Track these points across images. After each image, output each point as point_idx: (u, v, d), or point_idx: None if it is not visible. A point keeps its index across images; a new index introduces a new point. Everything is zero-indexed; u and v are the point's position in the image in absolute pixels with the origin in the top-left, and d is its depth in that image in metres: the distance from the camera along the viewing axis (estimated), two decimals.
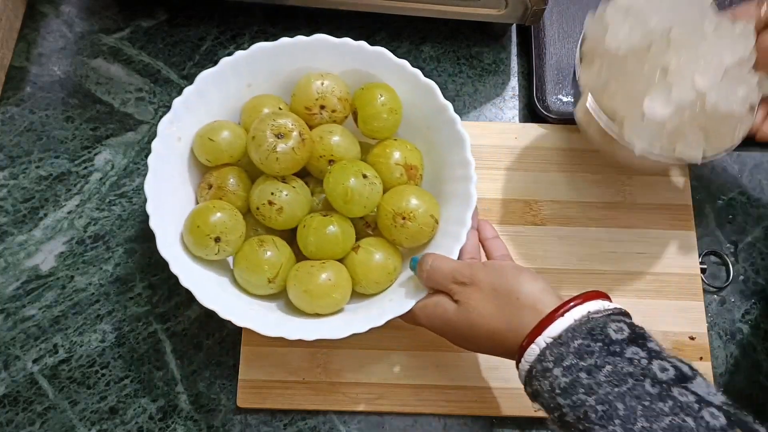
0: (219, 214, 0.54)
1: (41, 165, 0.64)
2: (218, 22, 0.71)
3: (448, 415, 0.58)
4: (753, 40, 0.52)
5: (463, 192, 0.55)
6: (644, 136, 0.51)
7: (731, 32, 0.52)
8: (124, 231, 0.63)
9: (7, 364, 0.58)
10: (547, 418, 0.44)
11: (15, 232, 0.62)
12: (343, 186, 0.54)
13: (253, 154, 0.55)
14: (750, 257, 0.64)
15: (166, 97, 0.67)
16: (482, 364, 0.59)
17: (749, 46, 0.52)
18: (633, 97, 0.51)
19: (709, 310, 0.62)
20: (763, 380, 0.60)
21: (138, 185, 0.64)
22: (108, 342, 0.59)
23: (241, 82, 0.59)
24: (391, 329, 0.58)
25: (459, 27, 0.71)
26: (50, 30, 0.70)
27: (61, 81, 0.68)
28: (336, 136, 0.57)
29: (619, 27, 0.52)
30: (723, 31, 0.52)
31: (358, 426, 0.58)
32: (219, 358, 0.59)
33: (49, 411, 0.57)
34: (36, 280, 0.61)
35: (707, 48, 0.51)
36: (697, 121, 0.52)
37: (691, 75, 0.51)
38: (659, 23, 0.51)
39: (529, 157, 0.65)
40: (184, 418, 0.57)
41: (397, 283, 0.56)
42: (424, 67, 0.70)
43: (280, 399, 0.57)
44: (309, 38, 0.58)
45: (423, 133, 0.60)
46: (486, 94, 0.69)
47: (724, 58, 0.52)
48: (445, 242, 0.55)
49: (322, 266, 0.54)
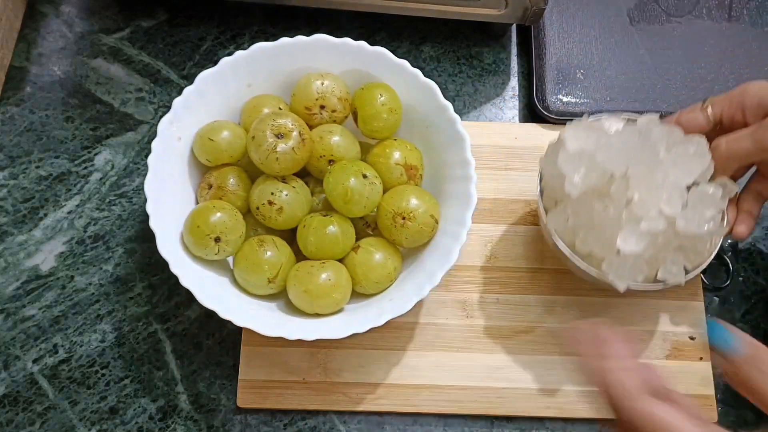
0: (219, 214, 0.54)
1: (41, 165, 0.64)
2: (218, 22, 0.71)
3: (448, 415, 0.58)
4: (708, 155, 0.52)
5: (463, 192, 0.55)
6: (624, 273, 0.51)
7: (686, 154, 0.52)
8: (124, 231, 0.63)
9: (7, 364, 0.58)
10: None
11: (15, 232, 0.62)
12: (343, 186, 0.54)
13: (253, 154, 0.55)
14: (750, 257, 0.64)
15: (166, 97, 0.67)
16: (482, 365, 0.59)
17: (706, 163, 0.52)
18: (605, 240, 0.51)
19: (709, 310, 0.62)
20: None
21: (138, 185, 0.64)
22: (108, 342, 0.59)
23: (241, 82, 0.59)
24: (391, 329, 0.59)
25: (459, 27, 0.71)
26: (50, 30, 0.70)
27: (61, 81, 0.68)
28: (336, 136, 0.57)
29: (574, 173, 0.52)
30: (678, 157, 0.52)
31: (358, 426, 0.58)
32: (219, 358, 0.59)
33: (49, 411, 0.57)
34: (36, 280, 0.61)
35: (666, 176, 0.52)
36: (673, 244, 0.52)
37: (656, 205, 0.51)
38: (613, 166, 0.52)
39: (529, 157, 0.65)
40: (184, 418, 0.57)
41: (397, 283, 0.56)
42: (424, 67, 0.70)
43: (280, 399, 0.57)
44: (309, 38, 0.58)
45: (423, 133, 0.60)
46: (486, 94, 0.69)
47: (684, 183, 0.52)
48: (445, 242, 0.55)
49: (322, 266, 0.54)
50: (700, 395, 0.58)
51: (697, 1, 0.71)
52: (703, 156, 0.52)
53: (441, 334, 0.59)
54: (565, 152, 0.53)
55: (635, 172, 0.51)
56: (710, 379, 0.59)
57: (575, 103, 0.67)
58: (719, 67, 0.68)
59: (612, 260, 0.51)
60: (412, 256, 0.58)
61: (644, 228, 0.50)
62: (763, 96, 0.52)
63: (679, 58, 0.69)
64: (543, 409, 0.58)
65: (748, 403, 0.53)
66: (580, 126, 0.54)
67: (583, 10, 0.70)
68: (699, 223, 0.51)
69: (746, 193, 0.56)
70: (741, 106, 0.53)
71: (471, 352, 0.59)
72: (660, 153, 0.52)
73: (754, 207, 0.56)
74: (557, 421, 0.58)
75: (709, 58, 0.69)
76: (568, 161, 0.52)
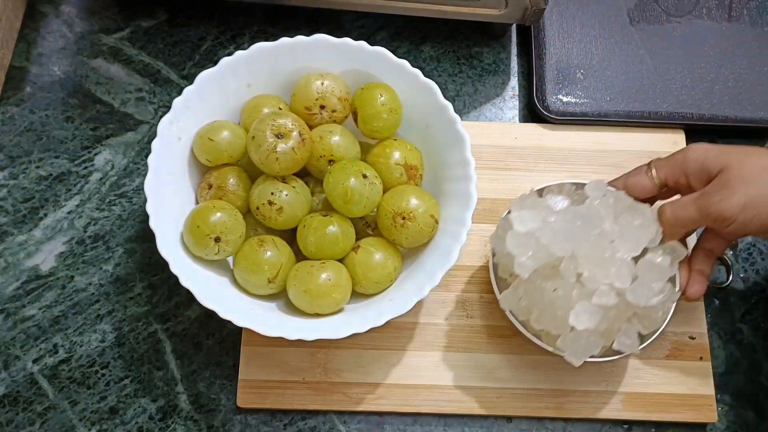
0: (219, 214, 0.54)
1: (41, 165, 0.64)
2: (218, 22, 0.71)
3: (448, 415, 0.58)
4: (655, 224, 0.53)
5: (463, 192, 0.55)
6: (579, 350, 0.52)
7: (632, 226, 0.53)
8: (124, 231, 0.63)
9: (7, 364, 0.58)
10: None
11: (15, 232, 0.62)
12: (343, 186, 0.54)
13: (253, 154, 0.55)
14: (750, 257, 0.64)
15: (166, 97, 0.67)
16: (482, 365, 0.59)
17: (652, 233, 0.53)
18: (558, 318, 0.52)
19: (709, 310, 0.62)
20: (763, 380, 0.60)
21: (138, 185, 0.64)
22: (108, 342, 0.59)
23: (241, 82, 0.59)
24: (391, 329, 0.59)
25: (459, 27, 0.71)
26: (50, 30, 0.70)
27: (61, 81, 0.68)
28: (336, 136, 0.57)
29: (522, 254, 0.52)
30: (625, 230, 0.53)
31: (358, 426, 0.58)
32: (219, 358, 0.59)
33: (49, 411, 0.57)
34: (36, 280, 0.61)
35: (614, 250, 0.52)
36: (626, 315, 0.53)
37: (606, 279, 0.52)
38: (558, 249, 0.52)
39: (529, 157, 0.65)
40: (184, 418, 0.57)
41: (397, 283, 0.56)
42: (424, 67, 0.70)
43: (280, 399, 0.57)
44: (309, 38, 0.58)
45: (423, 133, 0.60)
46: (486, 94, 0.69)
47: (631, 256, 0.53)
48: (445, 242, 0.55)
49: (322, 266, 0.54)
50: (700, 395, 0.58)
51: (697, 1, 0.71)
52: (649, 227, 0.53)
53: (441, 334, 0.59)
54: (512, 234, 0.53)
55: (581, 252, 0.52)
56: (710, 379, 0.59)
57: (575, 103, 0.67)
58: (719, 67, 0.68)
59: (566, 337, 0.52)
60: (412, 256, 0.58)
61: (595, 304, 0.51)
62: (704, 161, 0.52)
63: (679, 58, 0.69)
64: (542, 409, 0.58)
65: (749, 403, 0.54)
66: (526, 204, 0.55)
67: (583, 10, 0.70)
68: (648, 296, 0.52)
69: (697, 251, 0.56)
70: (684, 171, 0.53)
71: (471, 352, 0.59)
72: (606, 225, 0.53)
73: (705, 266, 0.55)
74: (557, 421, 0.58)
75: (709, 58, 0.69)
76: (516, 243, 0.53)
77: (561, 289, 0.51)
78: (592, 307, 0.51)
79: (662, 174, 0.54)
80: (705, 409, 0.58)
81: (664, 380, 0.59)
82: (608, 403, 0.58)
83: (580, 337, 0.52)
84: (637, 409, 0.58)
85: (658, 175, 0.54)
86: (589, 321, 0.51)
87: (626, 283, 0.52)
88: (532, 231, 0.53)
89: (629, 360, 0.59)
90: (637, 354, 0.56)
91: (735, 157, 0.51)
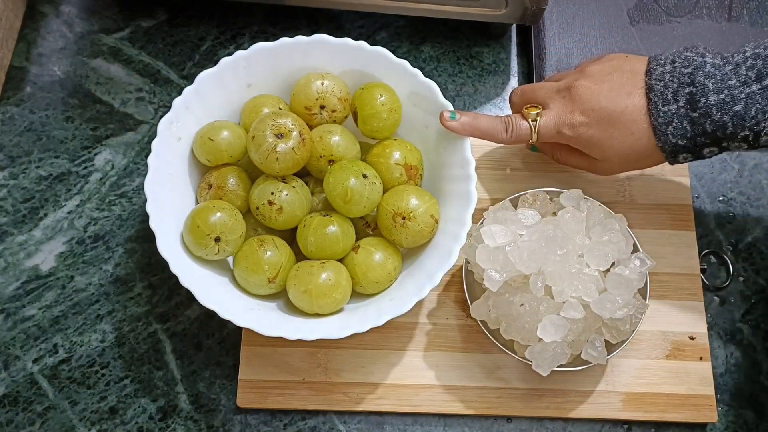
0: (219, 214, 0.54)
1: (41, 165, 0.64)
2: (218, 22, 0.71)
3: (448, 415, 0.58)
4: (623, 240, 0.54)
5: (463, 192, 0.55)
6: (546, 361, 0.53)
7: (600, 242, 0.54)
8: (124, 231, 0.63)
9: (7, 364, 0.58)
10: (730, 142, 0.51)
11: (15, 232, 0.62)
12: (343, 186, 0.54)
13: (253, 154, 0.55)
14: (750, 257, 0.64)
15: (166, 97, 0.67)
16: (482, 364, 0.59)
17: (621, 249, 0.54)
18: (526, 331, 0.53)
19: (709, 310, 0.62)
20: (763, 380, 0.60)
21: (138, 185, 0.64)
22: (108, 342, 0.59)
23: (241, 82, 0.59)
24: (391, 329, 0.59)
25: (459, 27, 0.71)
26: (50, 30, 0.70)
27: (61, 81, 0.68)
28: (336, 136, 0.57)
29: (491, 269, 0.53)
30: (594, 246, 0.54)
31: (358, 426, 0.58)
32: (219, 358, 0.59)
33: (49, 411, 0.57)
34: (36, 280, 0.61)
35: (582, 267, 0.54)
36: (594, 327, 0.54)
37: (573, 293, 0.53)
38: (524, 267, 0.53)
39: (529, 157, 0.65)
40: (184, 418, 0.57)
41: (397, 283, 0.56)
42: (424, 67, 0.70)
43: (280, 399, 0.57)
44: (309, 38, 0.58)
45: (423, 133, 0.60)
46: (486, 94, 0.69)
47: (599, 270, 0.54)
48: (445, 242, 0.55)
49: (322, 266, 0.54)
50: (700, 395, 0.58)
51: (697, 1, 0.71)
52: (618, 242, 0.54)
53: (441, 334, 0.60)
54: (482, 248, 0.54)
55: (547, 270, 0.53)
56: (710, 379, 0.59)
57: None
58: None
59: (534, 348, 0.53)
60: (412, 256, 0.58)
61: (563, 316, 0.52)
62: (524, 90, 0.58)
63: None
64: (543, 409, 0.58)
65: (748, 403, 0.54)
66: (497, 217, 0.56)
67: (583, 10, 0.70)
68: (613, 309, 0.53)
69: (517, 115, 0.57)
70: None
71: (471, 352, 0.59)
72: (576, 239, 0.54)
73: (492, 121, 0.57)
74: (557, 421, 0.58)
75: None
76: (485, 258, 0.54)
77: (527, 304, 0.53)
78: (559, 320, 0.52)
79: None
80: (705, 409, 0.58)
81: (664, 380, 0.59)
82: (608, 403, 0.58)
83: (548, 349, 0.53)
84: (637, 409, 0.58)
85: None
86: (556, 334, 0.52)
87: (593, 296, 0.53)
88: (501, 246, 0.54)
89: (629, 360, 0.59)
90: (604, 364, 0.57)
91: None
